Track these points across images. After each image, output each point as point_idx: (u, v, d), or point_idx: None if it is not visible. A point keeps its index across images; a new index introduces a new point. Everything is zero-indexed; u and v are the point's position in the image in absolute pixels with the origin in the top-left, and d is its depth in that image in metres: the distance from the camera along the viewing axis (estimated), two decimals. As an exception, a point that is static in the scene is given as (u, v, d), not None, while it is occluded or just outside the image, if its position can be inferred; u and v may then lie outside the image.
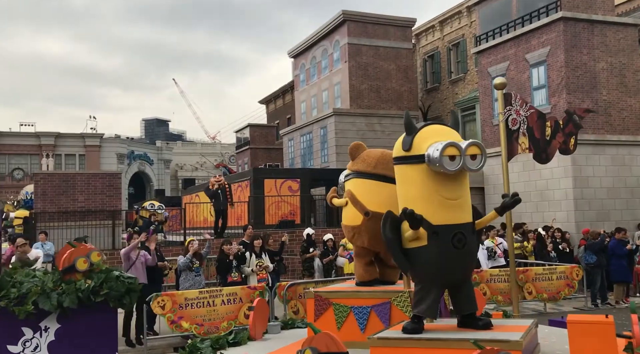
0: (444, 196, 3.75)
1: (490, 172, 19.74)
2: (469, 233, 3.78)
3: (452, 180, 3.77)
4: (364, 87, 26.99)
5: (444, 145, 3.67)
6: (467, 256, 3.79)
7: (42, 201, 16.28)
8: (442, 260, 3.68)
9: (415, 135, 3.87)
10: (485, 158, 3.84)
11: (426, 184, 3.78)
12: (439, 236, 3.67)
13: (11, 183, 43.39)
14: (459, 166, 3.70)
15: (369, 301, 4.68)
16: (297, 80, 33.05)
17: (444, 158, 3.66)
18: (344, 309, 4.71)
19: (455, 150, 3.70)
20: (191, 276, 9.51)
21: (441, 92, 28.99)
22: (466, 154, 3.72)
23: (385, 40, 27.52)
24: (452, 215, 3.73)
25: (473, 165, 3.78)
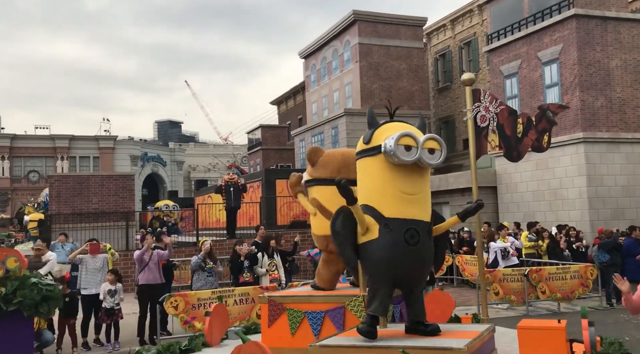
0: (400, 190, 3.61)
1: (503, 171, 19.61)
2: (423, 232, 3.60)
3: (411, 174, 3.63)
4: (375, 86, 26.94)
5: (399, 134, 3.58)
6: (419, 254, 3.59)
7: (57, 203, 16.48)
8: (393, 254, 3.53)
9: (377, 129, 3.81)
10: (445, 154, 3.69)
11: (382, 175, 3.67)
12: (391, 229, 3.53)
13: (27, 185, 43.93)
14: (414, 157, 3.56)
15: (323, 305, 4.54)
16: (308, 80, 33.08)
17: (398, 147, 3.55)
18: (298, 314, 4.57)
19: (411, 140, 3.59)
20: (203, 276, 9.56)
21: (453, 91, 28.84)
22: (423, 147, 3.59)
23: (396, 40, 27.45)
24: (406, 210, 3.59)
25: (431, 159, 3.63)
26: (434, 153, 3.65)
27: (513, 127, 6.98)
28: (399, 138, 3.56)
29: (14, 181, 43.98)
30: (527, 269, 11.40)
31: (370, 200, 3.64)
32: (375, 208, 3.62)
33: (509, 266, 11.76)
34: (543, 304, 11.59)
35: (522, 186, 18.91)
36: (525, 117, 7.16)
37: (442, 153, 3.67)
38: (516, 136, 6.99)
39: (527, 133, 7.05)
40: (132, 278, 12.73)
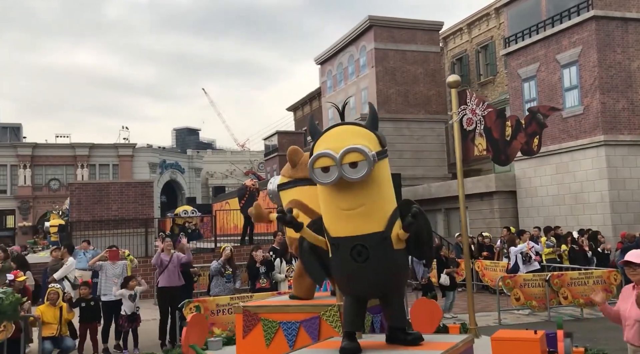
0: (340, 207, 3.43)
1: (522, 175, 19.40)
2: (374, 245, 3.39)
3: (347, 190, 3.39)
4: (392, 91, 26.89)
5: (312, 158, 3.38)
6: (371, 269, 3.41)
7: (78, 211, 16.71)
8: (344, 273, 3.47)
9: (316, 142, 3.57)
10: (371, 163, 3.35)
11: (322, 194, 3.54)
12: (339, 249, 3.44)
13: (48, 193, 44.64)
14: (334, 178, 3.33)
15: (298, 315, 4.44)
16: (324, 86, 33.15)
17: (315, 170, 3.36)
18: (273, 324, 4.46)
19: (328, 160, 3.35)
20: (222, 282, 9.61)
21: (470, 95, 28.65)
22: (343, 163, 3.32)
23: (412, 44, 27.39)
24: (350, 226, 3.40)
25: (354, 173, 3.33)
26: (357, 166, 3.35)
27: (501, 130, 6.81)
28: (314, 161, 3.37)
29: (36, 190, 44.71)
30: (548, 274, 11.24)
31: (323, 220, 3.57)
32: (326, 228, 3.53)
33: (531, 272, 11.61)
34: (565, 310, 11.41)
35: (542, 191, 18.68)
36: (514, 120, 7.01)
37: (367, 162, 3.35)
38: (504, 139, 6.82)
39: (516, 137, 6.87)
40: (152, 285, 12.83)
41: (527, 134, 6.92)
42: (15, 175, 44.37)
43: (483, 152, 6.83)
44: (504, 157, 6.90)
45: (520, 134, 6.90)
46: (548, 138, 18.57)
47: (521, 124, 6.92)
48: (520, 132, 6.89)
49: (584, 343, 8.03)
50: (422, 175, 25.36)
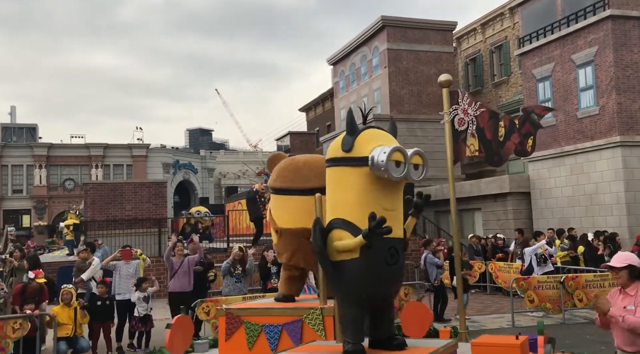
0: (382, 206, 3.39)
1: (537, 176, 19.23)
2: (400, 249, 3.46)
3: (392, 190, 3.45)
4: (405, 92, 26.81)
5: (391, 149, 3.36)
6: (396, 273, 3.47)
7: (92, 210, 16.88)
8: (373, 275, 3.35)
9: (358, 136, 3.53)
10: (427, 170, 3.53)
11: (365, 190, 3.42)
12: (373, 250, 3.30)
13: (63, 193, 45.13)
14: (402, 173, 3.39)
15: (280, 318, 4.35)
16: (336, 87, 33.14)
17: (390, 163, 3.34)
18: (255, 327, 4.38)
19: (401, 156, 3.40)
20: (231, 281, 9.63)
21: (484, 95, 28.47)
22: (410, 162, 3.43)
23: (425, 45, 27.28)
24: None
25: (415, 175, 3.48)
26: (418, 168, 3.50)
27: (494, 130, 6.69)
28: (392, 153, 3.35)
29: (51, 189, 45.23)
30: (563, 276, 11.13)
31: (351, 216, 3.39)
32: (356, 225, 3.37)
33: (545, 273, 11.50)
34: (580, 312, 11.28)
35: (556, 192, 18.50)
36: (508, 120, 6.84)
37: (425, 168, 3.52)
38: (498, 140, 6.71)
39: (509, 137, 6.76)
40: (165, 285, 12.91)
41: (521, 135, 6.81)
42: (31, 175, 44.93)
43: (475, 152, 6.68)
44: (497, 158, 6.78)
45: (514, 135, 6.78)
46: (563, 139, 18.39)
47: (515, 124, 6.80)
48: (514, 132, 6.77)
49: (599, 346, 7.94)
50: (435, 176, 25.21)
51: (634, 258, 4.06)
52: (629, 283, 3.95)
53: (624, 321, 3.77)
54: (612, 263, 4.07)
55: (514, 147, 6.78)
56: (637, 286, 3.93)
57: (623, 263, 3.98)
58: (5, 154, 44.51)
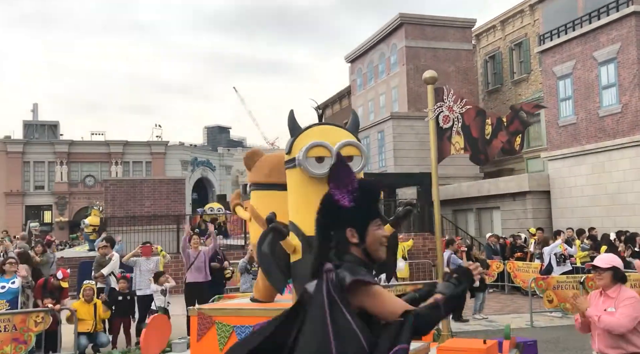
0: None
1: (557, 174, 18.98)
2: None
3: None
4: (422, 90, 26.63)
5: (307, 146, 3.26)
6: None
7: (112, 207, 17.10)
8: None
9: (297, 137, 3.44)
10: (366, 159, 3.36)
11: (301, 189, 3.36)
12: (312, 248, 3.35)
13: (83, 189, 45.79)
14: (327, 169, 3.17)
15: (252, 319, 4.25)
16: (354, 84, 33.07)
17: (308, 159, 3.24)
18: (227, 328, 4.31)
19: (323, 150, 3.26)
20: (248, 278, 9.70)
21: (503, 93, 28.19)
22: None
23: (444, 42, 27.08)
24: None
25: None
26: (352, 160, 3.30)
27: (481, 128, 6.57)
28: (308, 149, 3.25)
29: (72, 186, 45.91)
30: (583, 276, 10.98)
31: (295, 217, 3.36)
32: (298, 226, 3.33)
33: (564, 273, 11.37)
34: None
35: (576, 191, 18.24)
36: (495, 118, 6.73)
37: (362, 159, 3.34)
38: (484, 138, 6.59)
39: (496, 135, 6.65)
40: (183, 281, 13.03)
41: (509, 133, 6.69)
42: (53, 171, 45.64)
43: (460, 150, 6.56)
44: (483, 157, 6.66)
45: (502, 133, 6.66)
46: (584, 137, 18.13)
47: (502, 122, 6.68)
48: (502, 130, 6.66)
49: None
50: (454, 175, 25.06)
51: (618, 261, 4.08)
52: (611, 285, 3.95)
53: (599, 321, 3.77)
54: (597, 263, 4.05)
55: (501, 146, 6.69)
56: (619, 289, 3.94)
57: (608, 265, 3.98)
58: (27, 151, 45.28)
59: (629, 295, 3.91)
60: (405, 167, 24.04)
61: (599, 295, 4.04)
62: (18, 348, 7.73)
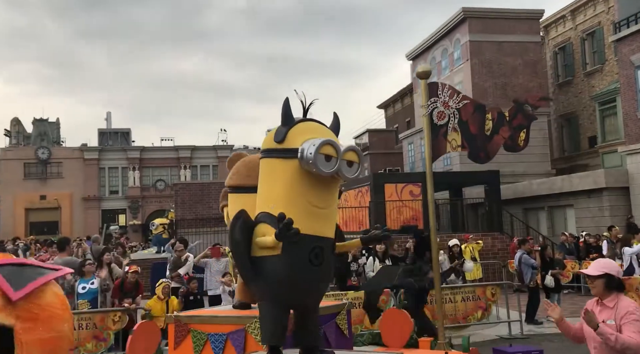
0: (311, 202, 3.21)
1: (636, 169, 17.91)
2: (328, 251, 3.25)
3: (323, 186, 3.25)
4: (488, 85, 25.94)
5: (321, 142, 3.17)
6: (321, 275, 3.26)
7: (182, 209, 17.77)
8: (295, 275, 3.16)
9: (292, 128, 3.34)
10: (361, 168, 3.30)
11: (293, 184, 3.25)
12: (296, 247, 3.12)
13: (154, 193, 47.84)
14: (333, 169, 3.18)
15: (226, 327, 4.18)
16: (415, 82, 32.62)
17: (319, 156, 3.15)
18: (202, 336, 4.24)
19: (333, 150, 3.20)
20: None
21: (575, 85, 26.94)
22: (343, 158, 3.22)
23: (510, 35, 26.24)
24: (315, 225, 3.20)
25: (349, 172, 3.26)
26: (352, 166, 3.27)
27: (480, 124, 6.18)
28: (321, 146, 3.16)
29: (144, 190, 48.07)
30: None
31: (276, 210, 3.20)
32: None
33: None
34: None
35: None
36: (496, 112, 6.31)
37: (360, 166, 3.31)
38: (484, 134, 6.19)
39: (497, 131, 6.24)
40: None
41: (512, 128, 6.31)
42: (126, 176, 47.97)
43: (457, 148, 6.24)
44: (484, 154, 6.24)
45: (504, 128, 6.28)
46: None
47: (505, 117, 6.31)
48: (504, 125, 6.28)
49: None
50: (523, 172, 24.21)
51: (612, 266, 3.66)
52: (606, 293, 3.57)
53: (617, 341, 3.34)
54: (588, 270, 3.68)
55: (503, 142, 6.31)
56: (617, 298, 3.53)
57: (600, 271, 3.59)
58: (102, 157, 47.84)
59: (631, 305, 3.50)
60: (471, 165, 23.44)
61: (596, 304, 3.67)
62: (98, 345, 8.20)
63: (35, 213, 45.46)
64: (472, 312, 9.53)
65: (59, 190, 45.64)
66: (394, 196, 18.10)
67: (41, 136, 49.89)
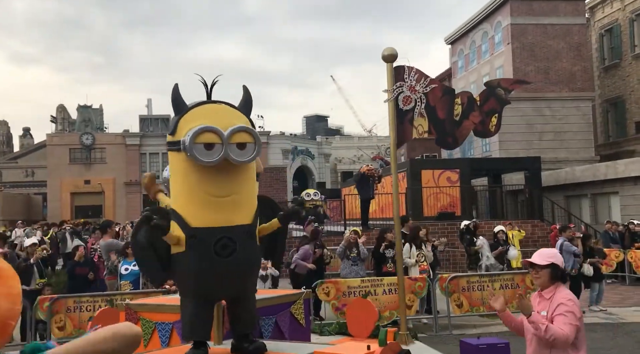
0: (209, 193, 3.06)
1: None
2: (241, 238, 3.09)
3: (222, 174, 3.06)
4: (530, 69, 25.22)
5: (194, 131, 2.95)
6: (236, 266, 3.10)
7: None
8: (201, 269, 3.06)
9: (183, 116, 3.13)
10: (260, 148, 3.08)
11: (187, 176, 3.08)
12: (198, 241, 3.03)
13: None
14: (218, 157, 2.98)
15: (172, 316, 4.06)
16: (454, 67, 32.03)
17: (196, 146, 2.95)
18: (149, 324, 4.23)
19: (213, 136, 2.97)
20: (348, 264, 9.81)
21: (622, 69, 25.90)
22: (230, 142, 3.00)
23: (553, 17, 25.39)
24: (217, 216, 3.06)
25: (241, 156, 3.03)
26: (245, 147, 3.04)
27: (449, 108, 5.90)
28: (196, 135, 2.96)
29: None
30: None
31: (177, 205, 3.12)
32: (181, 215, 3.10)
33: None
34: None
35: None
36: (466, 97, 6.01)
37: (256, 147, 3.07)
38: (452, 119, 5.91)
39: (467, 116, 5.95)
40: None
41: (483, 112, 6.03)
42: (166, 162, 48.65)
43: (424, 134, 5.91)
44: (452, 140, 5.95)
45: (474, 113, 5.99)
46: None
47: (475, 101, 6.01)
48: (474, 110, 5.98)
49: None
50: (565, 158, 23.55)
51: (558, 257, 3.50)
52: (548, 284, 3.39)
53: (546, 331, 3.20)
54: (534, 259, 3.47)
55: (473, 127, 6.03)
56: (555, 289, 3.37)
57: (546, 261, 3.41)
58: (143, 143, 48.92)
59: (566, 296, 3.34)
60: (511, 151, 22.96)
61: (537, 296, 3.50)
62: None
63: (80, 197, 46.99)
64: (510, 300, 9.37)
65: (102, 175, 46.99)
66: (431, 182, 17.89)
67: (85, 122, 51.40)
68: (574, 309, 3.29)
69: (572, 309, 3.28)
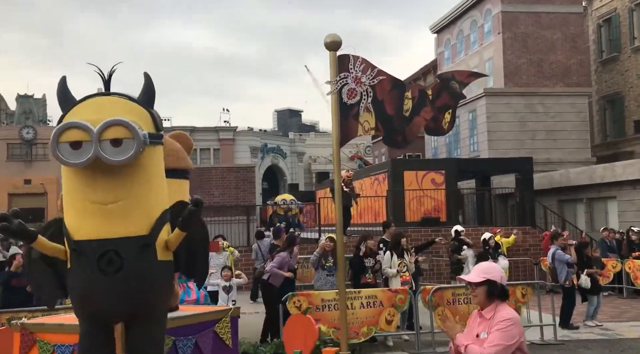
0: (88, 199, 2.94)
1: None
2: (132, 252, 2.96)
3: (102, 176, 2.93)
4: (522, 61, 25.64)
5: (58, 128, 2.87)
6: (124, 284, 2.95)
7: (179, 196, 17.85)
8: (84, 288, 2.97)
9: (68, 113, 3.02)
10: (140, 144, 2.90)
11: (68, 182, 3.01)
12: (81, 256, 2.94)
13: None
14: (88, 157, 2.85)
15: (74, 337, 3.87)
16: (440, 58, 32.37)
17: (61, 145, 2.85)
18: (48, 347, 4.09)
19: (81, 133, 2.85)
20: (323, 275, 9.78)
21: (621, 62, 26.53)
22: (103, 139, 2.86)
23: (548, 5, 25.89)
24: (102, 226, 2.94)
25: (116, 154, 2.87)
26: (122, 144, 2.88)
27: (398, 103, 5.90)
28: (60, 133, 2.86)
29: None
30: None
31: (64, 214, 3.05)
32: (67, 228, 3.03)
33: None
34: None
35: None
36: (417, 90, 6.08)
37: (136, 142, 2.89)
38: (402, 115, 5.92)
39: (418, 112, 5.99)
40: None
41: (435, 108, 6.08)
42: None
43: (370, 131, 5.91)
44: (401, 138, 5.97)
45: (426, 109, 6.03)
46: None
47: (427, 96, 6.06)
48: (426, 106, 6.03)
49: None
50: (559, 159, 23.99)
51: (495, 272, 3.42)
52: (487, 303, 3.37)
53: (466, 351, 3.25)
54: (469, 277, 3.46)
55: (424, 124, 6.08)
56: (495, 308, 3.35)
57: (480, 278, 3.37)
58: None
59: (504, 316, 3.29)
60: (500, 151, 23.29)
61: (477, 316, 3.47)
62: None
63: (19, 199, 45.89)
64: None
65: (45, 173, 45.96)
66: (414, 184, 18.02)
67: (26, 114, 50.29)
68: (508, 329, 3.23)
69: (507, 329, 3.23)
